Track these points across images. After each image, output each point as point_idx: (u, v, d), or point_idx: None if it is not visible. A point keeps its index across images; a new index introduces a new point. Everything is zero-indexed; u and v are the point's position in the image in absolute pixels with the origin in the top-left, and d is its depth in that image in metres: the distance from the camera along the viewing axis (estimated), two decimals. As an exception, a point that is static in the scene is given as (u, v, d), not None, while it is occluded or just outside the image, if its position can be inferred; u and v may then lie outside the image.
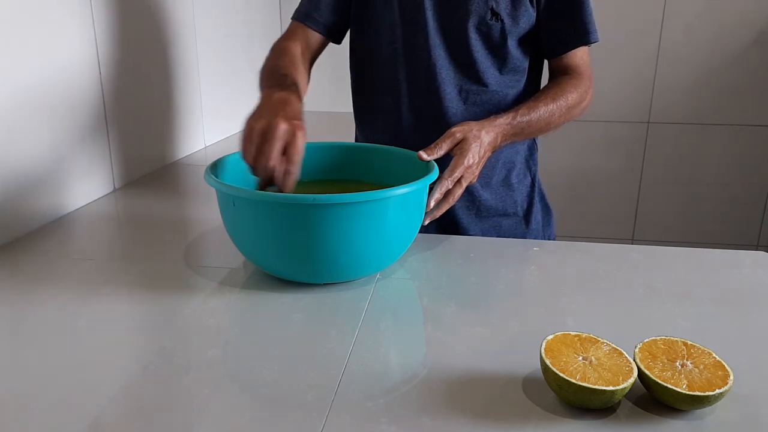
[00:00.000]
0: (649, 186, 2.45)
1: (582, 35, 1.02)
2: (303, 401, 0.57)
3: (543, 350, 0.57)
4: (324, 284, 0.79)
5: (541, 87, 1.09)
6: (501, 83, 1.04)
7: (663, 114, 2.37)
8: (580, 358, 0.56)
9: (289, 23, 1.10)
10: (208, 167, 0.81)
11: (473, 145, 0.89)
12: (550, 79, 1.08)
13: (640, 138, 2.41)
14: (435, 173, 0.82)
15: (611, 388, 0.53)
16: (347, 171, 0.97)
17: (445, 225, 1.07)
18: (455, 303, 0.76)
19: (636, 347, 0.58)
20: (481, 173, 1.05)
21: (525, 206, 1.13)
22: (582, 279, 0.83)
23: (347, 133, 1.29)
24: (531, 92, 1.07)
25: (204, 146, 1.65)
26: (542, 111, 0.98)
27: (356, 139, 1.20)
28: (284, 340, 0.67)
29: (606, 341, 0.59)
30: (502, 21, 0.99)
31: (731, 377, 0.54)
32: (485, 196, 1.09)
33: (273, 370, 0.61)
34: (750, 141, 2.36)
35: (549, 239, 1.18)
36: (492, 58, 1.02)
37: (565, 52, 1.04)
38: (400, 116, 1.07)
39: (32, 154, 1.00)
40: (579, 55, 1.05)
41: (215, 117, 1.71)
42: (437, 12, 1.00)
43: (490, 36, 1.00)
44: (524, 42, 1.03)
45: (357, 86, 1.14)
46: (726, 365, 0.56)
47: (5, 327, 0.71)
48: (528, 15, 1.00)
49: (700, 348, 0.58)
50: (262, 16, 2.10)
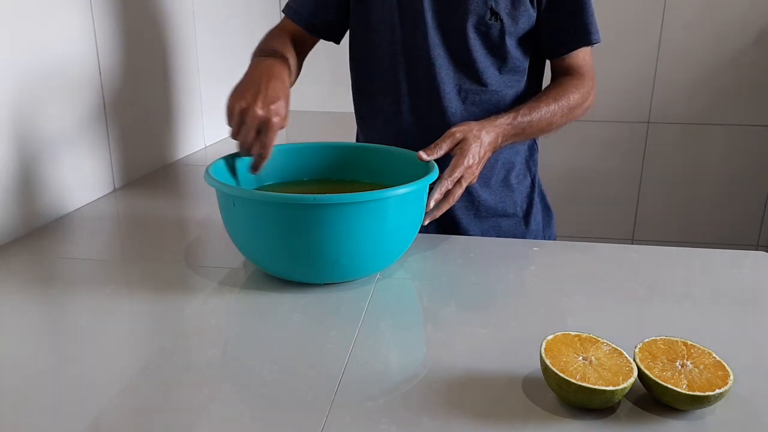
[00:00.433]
0: (649, 186, 2.45)
1: (584, 36, 1.02)
2: (303, 401, 0.57)
3: (543, 350, 0.57)
4: (324, 284, 0.79)
5: (543, 87, 1.09)
6: (500, 83, 1.04)
7: (663, 114, 2.37)
8: (580, 358, 0.56)
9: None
10: (208, 167, 0.81)
11: (473, 146, 0.89)
12: (552, 80, 1.07)
13: (640, 138, 2.41)
14: (435, 173, 0.82)
15: (611, 388, 0.53)
16: (347, 171, 0.97)
17: (445, 225, 1.07)
18: (455, 303, 0.76)
19: (636, 347, 0.58)
20: (481, 173, 1.05)
21: (525, 207, 1.13)
22: (582, 279, 0.83)
23: (347, 133, 1.29)
24: (532, 92, 1.07)
25: (204, 146, 1.65)
26: (543, 111, 0.98)
27: (357, 139, 1.20)
28: (284, 340, 0.67)
29: (606, 341, 0.59)
30: (502, 21, 0.99)
31: (731, 377, 0.54)
32: (485, 197, 1.08)
33: (273, 370, 0.61)
34: (750, 141, 2.35)
35: (549, 240, 1.18)
36: (491, 58, 1.02)
37: (567, 53, 1.03)
38: (400, 116, 1.06)
39: (32, 154, 1.00)
40: (581, 56, 1.04)
41: (215, 117, 1.71)
42: (436, 12, 1.00)
43: (490, 36, 1.00)
44: (524, 42, 1.03)
45: (357, 86, 1.14)
46: (726, 365, 0.56)
47: (5, 327, 0.71)
48: (528, 15, 1.00)
49: (700, 348, 0.58)
50: (262, 16, 2.10)
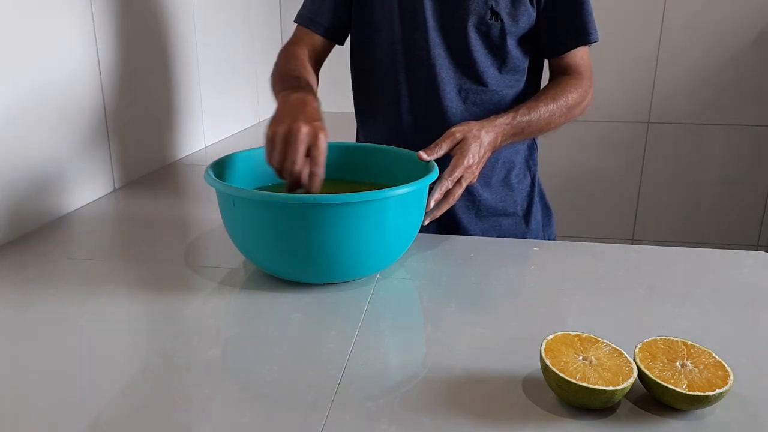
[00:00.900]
0: (649, 186, 2.45)
1: (582, 35, 1.02)
2: (303, 401, 0.57)
3: (543, 350, 0.57)
4: (324, 284, 0.79)
5: (541, 87, 1.09)
6: (500, 83, 1.04)
7: (663, 114, 2.37)
8: (580, 358, 0.56)
9: (295, 27, 1.11)
10: (208, 167, 0.81)
11: (473, 145, 0.89)
12: (551, 79, 1.08)
13: (640, 138, 2.41)
14: (435, 173, 0.82)
15: (611, 388, 0.53)
16: (347, 171, 0.96)
17: (445, 225, 1.07)
18: (455, 303, 0.76)
19: (636, 347, 0.58)
20: (481, 173, 1.05)
21: (525, 206, 1.13)
22: (582, 279, 0.83)
23: (347, 133, 1.29)
24: (531, 92, 1.07)
25: (204, 146, 1.65)
26: (542, 111, 0.98)
27: (357, 139, 1.20)
28: (284, 340, 0.67)
29: (606, 341, 0.59)
30: (502, 21, 0.99)
31: (731, 377, 0.54)
32: (485, 196, 1.09)
33: (273, 370, 0.61)
34: (750, 141, 2.35)
35: (549, 239, 1.18)
36: (491, 58, 1.02)
37: (566, 52, 1.04)
38: (400, 116, 1.07)
39: (32, 155, 1.00)
40: (579, 55, 1.05)
41: (215, 117, 1.71)
42: (436, 11, 1.00)
43: (490, 35, 1.00)
44: (524, 42, 1.03)
45: (357, 86, 1.14)
46: (726, 365, 0.56)
47: (5, 327, 0.71)
48: (528, 15, 1.00)
49: (700, 348, 0.58)
50: (262, 17, 2.10)
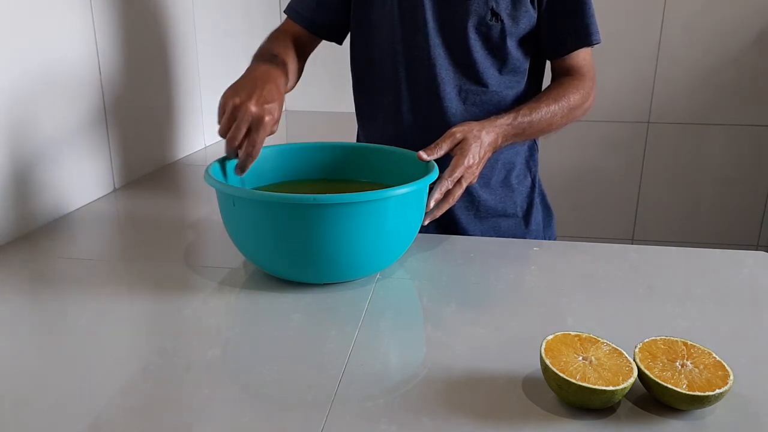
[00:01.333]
0: (649, 186, 2.45)
1: (584, 36, 1.02)
2: (303, 401, 0.57)
3: (543, 350, 0.57)
4: (324, 284, 0.79)
5: (543, 88, 1.09)
6: (501, 84, 1.04)
7: (663, 114, 2.37)
8: (580, 358, 0.56)
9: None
10: (208, 167, 0.81)
11: (473, 146, 0.88)
12: (553, 80, 1.07)
13: (640, 138, 2.41)
14: (435, 173, 0.82)
15: (611, 388, 0.53)
16: (347, 171, 0.96)
17: (445, 225, 1.07)
18: (455, 303, 0.76)
19: (636, 347, 0.58)
20: (481, 173, 1.04)
21: (525, 207, 1.13)
22: (582, 279, 0.83)
23: (347, 133, 1.29)
24: (532, 93, 1.07)
25: (204, 146, 1.65)
26: (544, 112, 0.98)
27: (357, 138, 1.20)
28: (284, 340, 0.67)
29: (606, 341, 0.59)
30: (502, 21, 0.99)
31: (731, 377, 0.54)
32: (485, 197, 1.08)
33: (273, 370, 0.61)
34: (750, 141, 2.35)
35: (549, 240, 1.18)
36: (492, 59, 1.02)
37: (567, 54, 1.03)
38: (401, 116, 1.06)
39: (32, 154, 1.00)
40: (581, 56, 1.04)
41: (215, 117, 1.71)
42: (437, 12, 1.00)
43: (490, 36, 1.00)
44: (525, 43, 1.03)
45: (358, 86, 1.14)
46: (726, 365, 0.56)
47: (5, 327, 0.71)
48: (528, 16, 1.00)
49: (700, 348, 0.58)
50: (262, 16, 2.10)
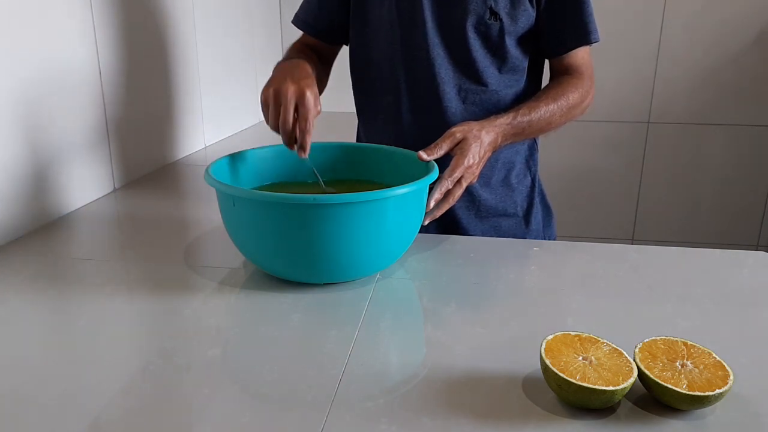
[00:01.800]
0: (649, 186, 2.45)
1: (583, 35, 1.02)
2: (303, 401, 0.57)
3: (543, 350, 0.57)
4: (324, 284, 0.79)
5: (542, 87, 1.09)
6: (500, 83, 1.04)
7: (663, 114, 2.37)
8: (580, 358, 0.56)
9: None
10: (208, 167, 0.81)
11: (473, 146, 0.89)
12: (551, 79, 1.07)
13: (640, 138, 2.41)
14: (435, 173, 0.82)
15: (611, 388, 0.53)
16: (347, 171, 0.96)
17: (446, 225, 1.07)
18: (455, 303, 0.76)
19: (636, 347, 0.58)
20: (481, 173, 1.04)
21: (525, 206, 1.13)
22: (582, 279, 0.83)
23: (347, 133, 1.29)
24: (531, 92, 1.07)
25: (204, 146, 1.65)
26: (543, 111, 0.98)
27: (357, 138, 1.20)
28: (284, 340, 0.67)
29: (606, 341, 0.59)
30: (501, 20, 0.99)
31: (731, 377, 0.54)
32: (485, 196, 1.08)
33: (273, 370, 0.61)
34: (750, 141, 2.35)
35: (549, 240, 1.18)
36: (491, 58, 1.02)
37: (566, 52, 1.03)
38: (400, 116, 1.06)
39: (32, 155, 1.00)
40: (580, 55, 1.04)
41: (215, 117, 1.71)
42: (435, 11, 1.00)
43: (489, 35, 1.00)
44: (524, 41, 1.03)
45: (357, 86, 1.14)
46: (726, 365, 0.56)
47: (5, 327, 0.71)
48: (527, 15, 1.00)
49: (700, 348, 0.58)
50: (262, 17, 2.10)
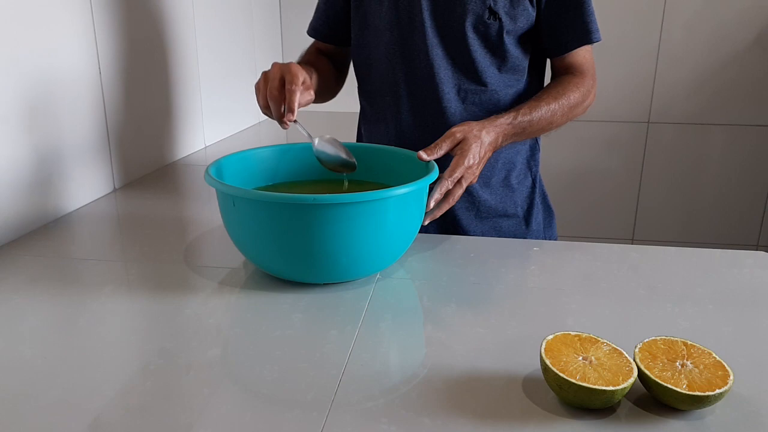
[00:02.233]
0: (649, 186, 2.45)
1: (584, 35, 1.02)
2: (303, 401, 0.57)
3: (543, 350, 0.57)
4: (324, 284, 0.79)
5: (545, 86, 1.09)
6: (500, 82, 1.04)
7: (663, 114, 2.37)
8: (580, 358, 0.56)
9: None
10: (208, 167, 0.82)
11: (473, 146, 0.88)
12: (553, 78, 1.07)
13: (640, 138, 2.41)
14: (435, 173, 0.82)
15: (611, 388, 0.53)
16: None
17: (446, 225, 1.07)
18: (455, 303, 0.76)
19: (636, 347, 0.58)
20: (481, 173, 1.04)
21: (525, 207, 1.13)
22: (582, 279, 0.83)
23: (347, 133, 1.28)
24: (533, 92, 1.07)
25: (204, 146, 1.65)
26: (544, 110, 0.98)
27: (358, 138, 1.20)
28: (284, 340, 0.67)
29: (606, 341, 0.59)
30: (500, 20, 0.98)
31: (731, 377, 0.54)
32: (485, 197, 1.08)
33: (273, 370, 0.61)
34: (750, 141, 2.35)
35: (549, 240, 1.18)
36: (491, 57, 1.02)
37: (568, 52, 1.03)
38: (400, 116, 1.06)
39: (32, 155, 1.00)
40: (582, 54, 1.04)
41: (215, 117, 1.71)
42: (434, 12, 1.00)
43: (488, 35, 1.00)
44: (524, 41, 1.03)
45: (360, 87, 1.14)
46: (726, 365, 0.56)
47: (5, 327, 0.71)
48: (527, 14, 1.00)
49: (700, 348, 0.58)
50: (262, 17, 2.10)
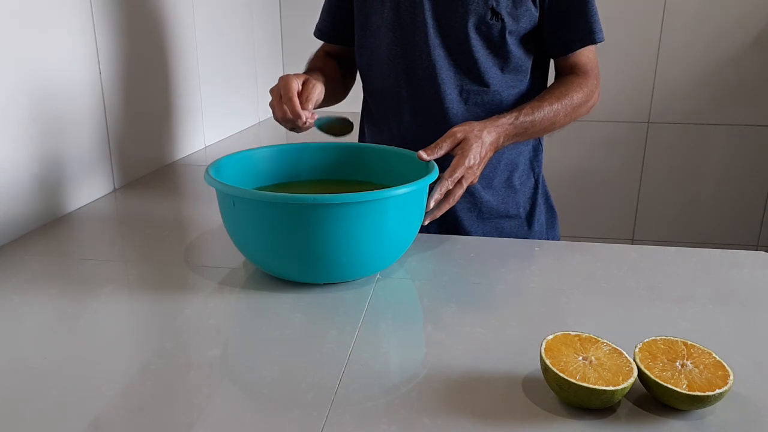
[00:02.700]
0: (649, 186, 2.45)
1: (587, 35, 1.02)
2: (303, 401, 0.57)
3: (543, 350, 0.57)
4: (324, 284, 0.79)
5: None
6: (503, 83, 1.03)
7: (663, 114, 2.37)
8: (580, 358, 0.56)
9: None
10: (208, 167, 0.82)
11: (474, 146, 0.88)
12: (556, 78, 1.07)
13: (640, 138, 2.41)
14: (435, 173, 0.82)
15: (611, 388, 0.53)
16: (347, 171, 0.97)
17: (447, 226, 1.07)
18: (455, 303, 0.76)
19: (636, 347, 0.58)
20: (483, 174, 1.04)
21: (528, 208, 1.12)
22: (582, 279, 0.83)
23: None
24: (536, 92, 1.06)
25: (204, 146, 1.65)
26: (546, 111, 0.98)
27: (360, 139, 1.20)
28: (284, 340, 0.67)
29: (606, 341, 0.59)
30: (503, 20, 0.98)
31: (731, 377, 0.54)
32: (486, 198, 1.08)
33: (273, 370, 0.61)
34: (750, 141, 2.35)
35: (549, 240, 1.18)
36: (493, 58, 1.02)
37: (571, 52, 1.03)
38: (402, 117, 1.06)
39: (32, 155, 1.00)
40: (585, 54, 1.04)
41: (215, 117, 1.71)
42: (436, 12, 1.00)
43: (490, 36, 1.00)
44: (526, 41, 1.02)
45: (364, 86, 1.14)
46: (726, 365, 0.56)
47: (5, 327, 0.71)
48: (530, 14, 1.00)
49: (700, 348, 0.58)
50: (262, 17, 2.10)
